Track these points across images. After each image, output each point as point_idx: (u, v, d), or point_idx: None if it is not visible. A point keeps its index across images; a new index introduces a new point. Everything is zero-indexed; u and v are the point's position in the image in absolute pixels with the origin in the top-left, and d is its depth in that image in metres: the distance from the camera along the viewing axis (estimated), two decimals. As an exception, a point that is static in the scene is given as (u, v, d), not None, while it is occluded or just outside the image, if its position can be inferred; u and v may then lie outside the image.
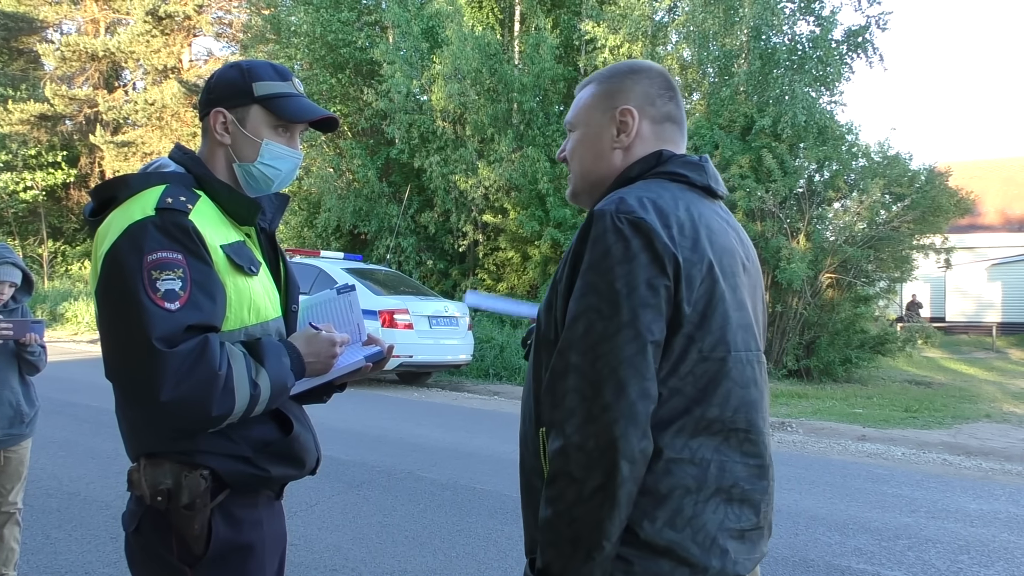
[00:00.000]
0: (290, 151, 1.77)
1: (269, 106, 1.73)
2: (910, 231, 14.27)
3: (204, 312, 1.52)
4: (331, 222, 18.05)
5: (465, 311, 12.51)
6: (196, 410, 1.47)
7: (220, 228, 1.64)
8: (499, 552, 4.48)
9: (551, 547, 1.30)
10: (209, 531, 1.57)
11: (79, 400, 9.03)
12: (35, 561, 4.14)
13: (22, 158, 28.97)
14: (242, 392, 1.52)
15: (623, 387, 1.26)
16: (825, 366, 14.04)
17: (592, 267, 1.31)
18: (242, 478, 1.61)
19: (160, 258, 1.49)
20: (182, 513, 1.56)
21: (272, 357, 1.60)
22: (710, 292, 1.34)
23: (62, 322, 22.19)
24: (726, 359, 1.36)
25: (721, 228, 1.45)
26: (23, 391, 3.70)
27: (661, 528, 1.30)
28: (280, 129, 1.75)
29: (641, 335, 1.27)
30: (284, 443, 1.67)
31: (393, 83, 16.46)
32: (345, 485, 5.79)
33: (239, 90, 1.72)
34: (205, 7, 31.84)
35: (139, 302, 1.46)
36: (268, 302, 1.70)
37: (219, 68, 1.79)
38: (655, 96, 1.56)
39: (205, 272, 1.54)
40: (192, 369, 1.46)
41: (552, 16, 17.82)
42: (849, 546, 4.74)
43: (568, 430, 1.28)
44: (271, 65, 1.77)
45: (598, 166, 1.56)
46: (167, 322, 1.46)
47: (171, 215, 1.54)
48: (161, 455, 1.58)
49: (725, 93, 14.52)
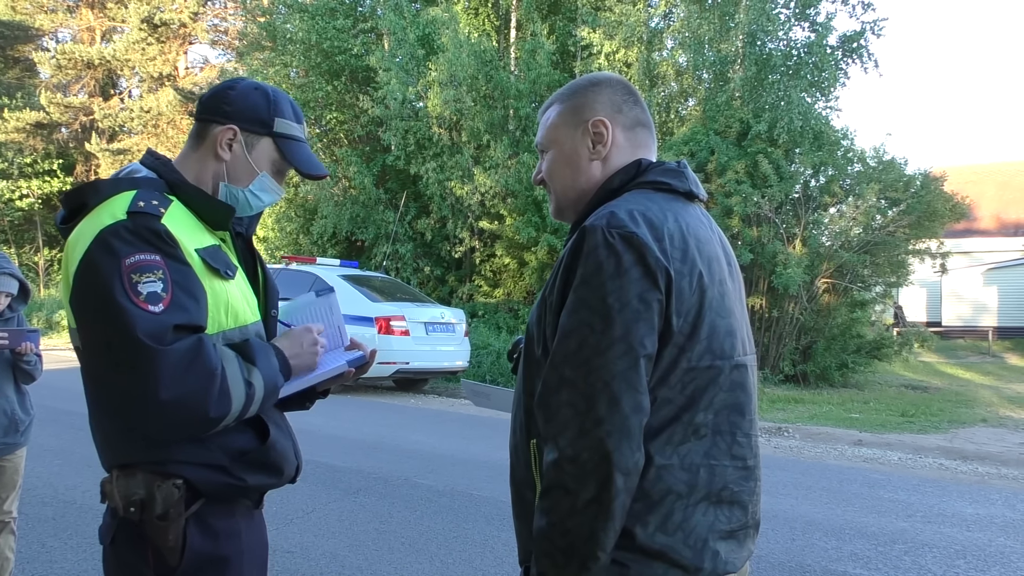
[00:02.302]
0: (278, 189, 1.78)
1: (281, 145, 1.72)
2: (906, 236, 14.31)
3: (190, 312, 1.49)
4: (327, 229, 18.04)
5: (461, 317, 12.50)
6: (194, 411, 1.44)
7: (194, 232, 1.60)
8: (496, 558, 4.48)
9: (546, 558, 1.31)
10: (184, 542, 1.53)
11: (74, 408, 9.00)
12: (30, 570, 4.13)
13: (18, 166, 28.92)
14: (238, 393, 1.50)
15: (616, 401, 1.27)
16: (821, 371, 14.06)
17: (584, 282, 1.32)
18: (217, 488, 1.57)
19: (138, 261, 1.46)
20: (156, 524, 1.51)
21: (262, 356, 1.58)
22: (699, 303, 1.35)
23: (58, 330, 22.13)
24: (714, 367, 1.37)
25: (707, 236, 1.46)
26: (18, 400, 3.69)
27: (653, 533, 1.33)
28: (278, 168, 1.75)
29: (633, 349, 1.28)
30: (261, 451, 1.62)
31: (389, 90, 16.46)
32: (342, 492, 5.78)
33: (260, 119, 1.70)
34: (201, 15, 31.91)
35: (121, 306, 1.42)
36: (246, 306, 1.67)
37: (242, 84, 1.74)
38: (621, 103, 1.57)
39: (184, 273, 1.51)
40: (189, 367, 1.43)
41: (548, 22, 17.84)
42: (845, 551, 4.74)
43: (562, 443, 1.29)
44: (291, 103, 1.76)
45: (578, 181, 1.56)
46: (153, 323, 1.42)
47: (143, 219, 1.50)
48: (133, 465, 1.54)
49: (721, 99, 14.55)
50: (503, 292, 16.86)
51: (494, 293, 16.97)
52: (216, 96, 1.72)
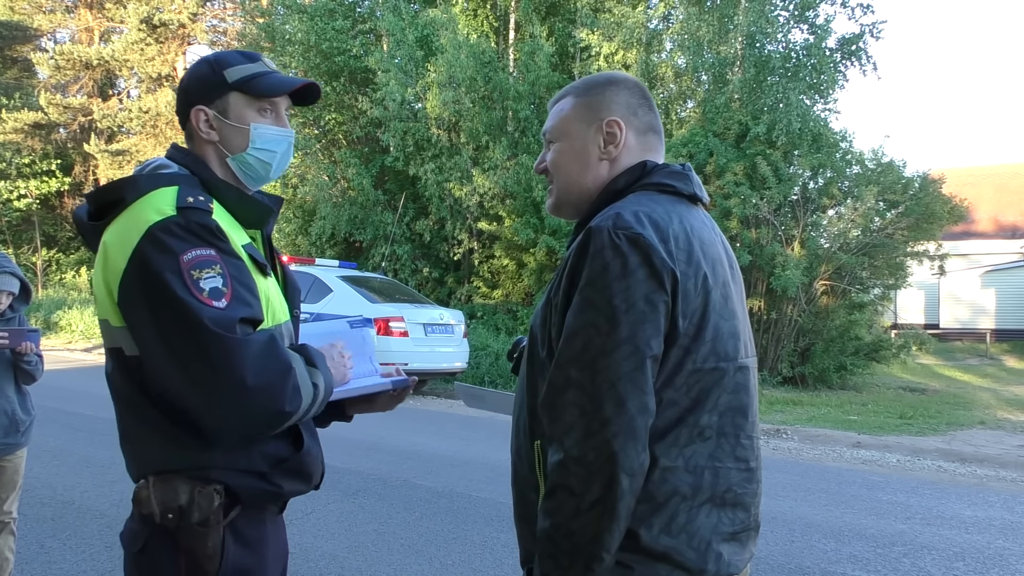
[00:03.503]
0: (280, 130, 1.71)
1: (246, 88, 1.66)
2: (904, 238, 14.34)
3: (252, 307, 1.48)
4: (326, 230, 18.03)
5: (460, 318, 12.50)
6: (274, 401, 1.43)
7: (234, 229, 1.59)
8: (495, 560, 4.48)
9: (550, 559, 1.31)
10: (223, 550, 1.51)
11: (74, 409, 9.01)
12: (29, 571, 4.12)
13: (16, 166, 28.87)
14: (307, 391, 1.49)
15: (622, 402, 1.27)
16: (820, 373, 14.07)
17: (590, 283, 1.32)
18: (256, 494, 1.55)
19: (196, 256, 1.44)
20: (195, 531, 1.49)
21: (320, 360, 1.58)
22: (704, 304, 1.36)
23: (56, 331, 22.11)
24: (718, 368, 1.38)
25: (711, 238, 1.47)
26: (19, 400, 3.69)
27: (658, 535, 1.33)
28: (265, 111, 1.69)
29: (640, 350, 1.28)
30: (296, 458, 1.61)
31: (388, 91, 16.46)
32: (341, 493, 5.78)
33: (212, 82, 1.66)
34: (199, 15, 31.85)
35: (186, 303, 1.40)
36: (280, 304, 1.66)
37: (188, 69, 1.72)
38: (636, 107, 1.58)
39: (240, 267, 1.50)
40: (269, 358, 1.43)
41: (547, 24, 17.85)
42: (844, 553, 4.75)
43: (567, 444, 1.29)
44: (238, 52, 1.71)
45: (584, 178, 1.56)
46: (221, 317, 1.41)
47: (195, 214, 1.48)
48: (172, 472, 1.50)
49: (720, 101, 14.56)
50: (502, 293, 16.86)
51: (493, 294, 16.97)
52: (177, 95, 1.73)
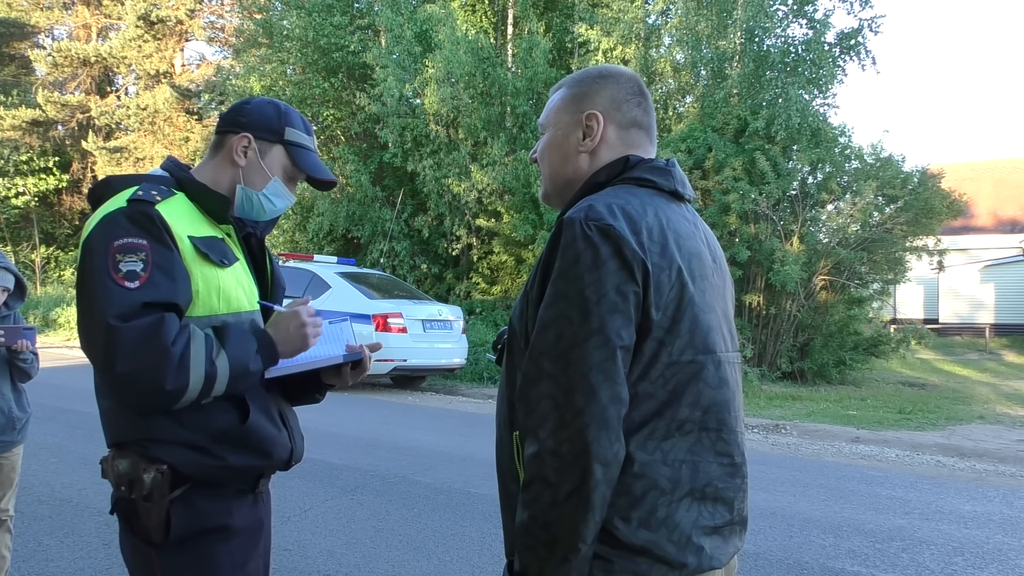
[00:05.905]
0: (290, 195, 1.93)
1: (291, 152, 1.89)
2: (903, 233, 14.33)
3: (161, 290, 1.61)
4: (324, 226, 18.03)
5: (459, 314, 12.50)
6: (150, 383, 1.56)
7: (195, 223, 1.75)
8: (493, 556, 4.47)
9: (528, 550, 1.32)
10: (168, 522, 1.66)
11: (71, 406, 8.99)
12: (26, 568, 4.12)
13: (14, 164, 28.83)
14: (197, 369, 1.60)
15: (594, 392, 1.28)
16: (819, 368, 14.08)
17: (562, 275, 1.33)
18: (200, 469, 1.68)
19: (125, 243, 1.62)
20: (142, 504, 1.66)
21: (235, 340, 1.69)
22: (679, 297, 1.36)
23: (55, 328, 22.12)
24: (696, 362, 1.38)
25: (689, 232, 1.47)
26: (15, 397, 3.67)
27: (636, 529, 1.33)
28: (289, 175, 1.91)
29: (610, 341, 1.29)
30: (240, 431, 1.72)
31: (386, 87, 16.43)
32: (339, 490, 5.77)
33: (272, 128, 1.87)
34: (197, 12, 31.78)
35: (102, 282, 1.59)
36: (242, 294, 1.80)
37: (256, 99, 1.93)
38: (622, 101, 1.57)
39: (167, 256, 1.64)
40: (146, 342, 1.56)
41: (545, 19, 17.82)
42: (843, 548, 4.74)
43: (542, 435, 1.30)
44: (302, 117, 1.94)
45: (564, 168, 1.58)
46: (125, 299, 1.57)
47: (139, 205, 1.67)
48: (125, 446, 1.69)
49: (718, 96, 14.54)
50: (500, 289, 16.86)
51: (491, 290, 16.96)
52: (232, 110, 1.91)
